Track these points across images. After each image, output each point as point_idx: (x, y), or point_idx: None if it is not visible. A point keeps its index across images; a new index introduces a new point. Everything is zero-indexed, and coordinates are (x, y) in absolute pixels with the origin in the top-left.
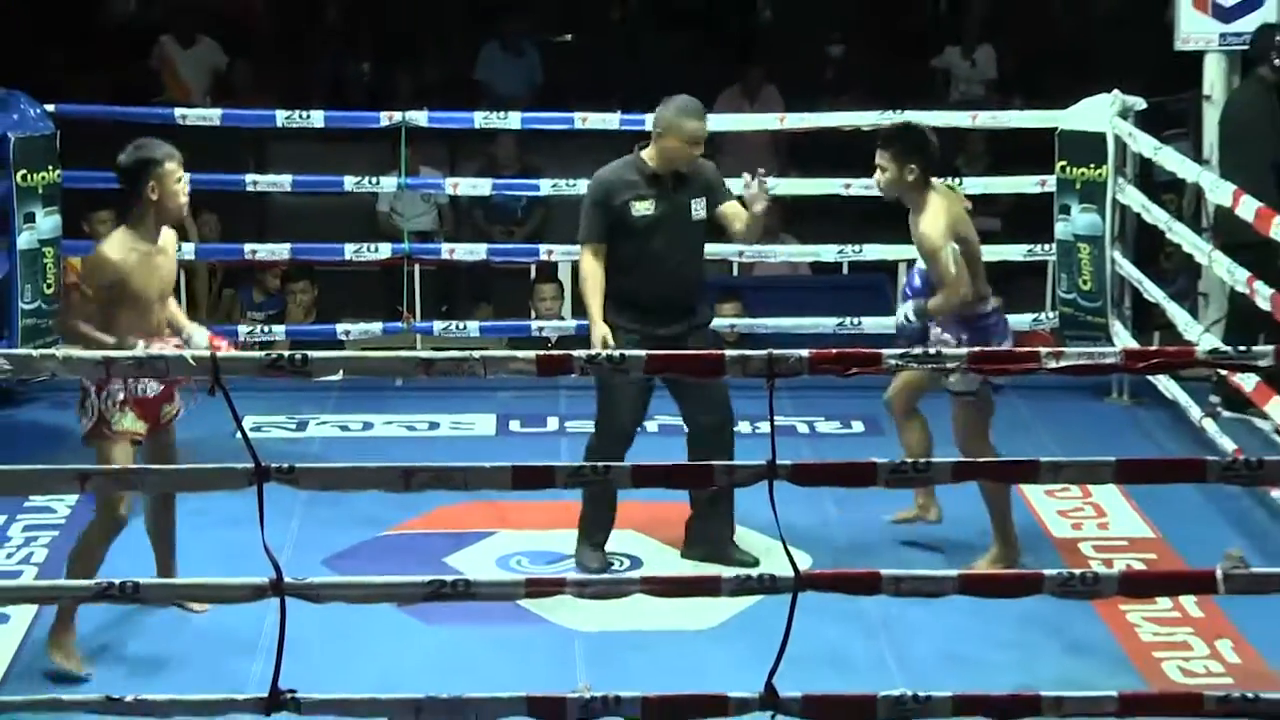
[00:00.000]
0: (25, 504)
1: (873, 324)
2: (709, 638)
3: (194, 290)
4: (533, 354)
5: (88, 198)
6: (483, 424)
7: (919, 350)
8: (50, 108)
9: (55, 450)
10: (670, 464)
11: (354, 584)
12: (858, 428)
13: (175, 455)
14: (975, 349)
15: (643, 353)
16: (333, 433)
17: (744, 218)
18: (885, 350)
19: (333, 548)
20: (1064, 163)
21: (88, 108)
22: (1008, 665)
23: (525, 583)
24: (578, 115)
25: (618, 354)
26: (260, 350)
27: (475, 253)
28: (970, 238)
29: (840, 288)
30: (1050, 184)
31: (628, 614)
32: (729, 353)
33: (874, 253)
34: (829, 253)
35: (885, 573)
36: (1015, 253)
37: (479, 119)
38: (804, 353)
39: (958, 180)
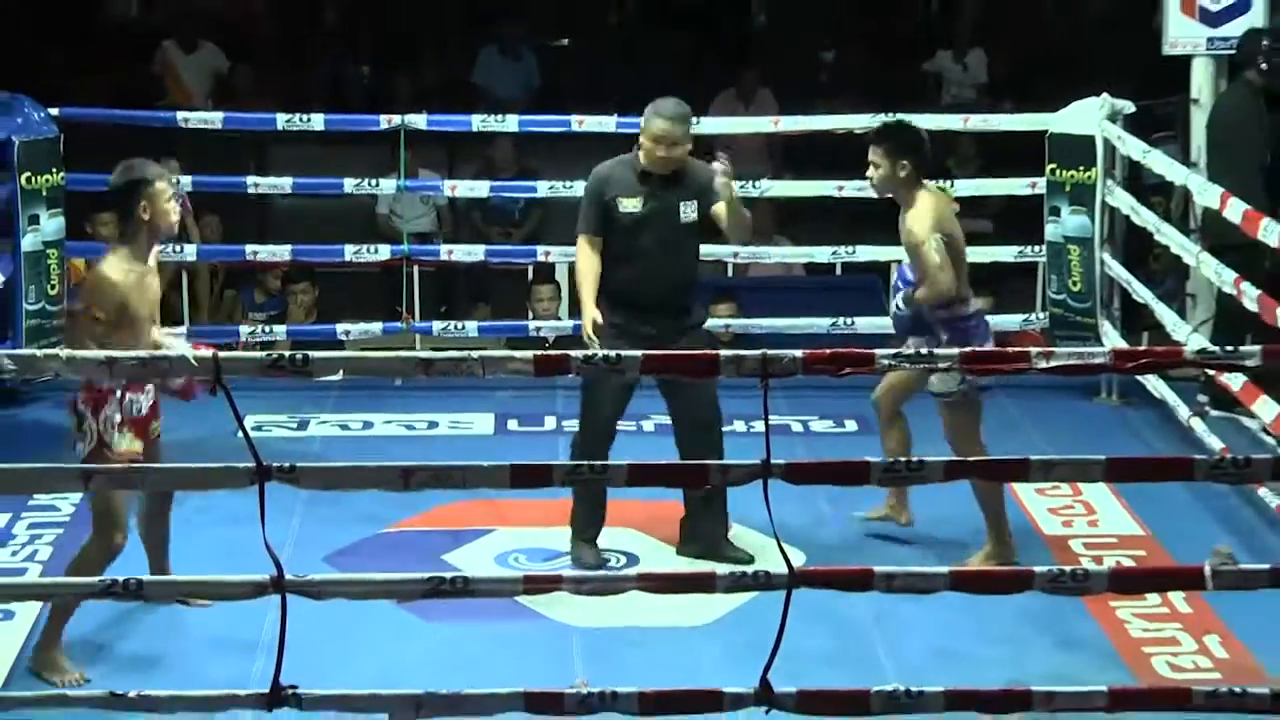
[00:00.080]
0: (29, 502)
1: (866, 324)
2: (704, 634)
3: (196, 291)
4: (530, 354)
5: (91, 200)
6: (481, 423)
7: (911, 351)
8: (54, 111)
9: (59, 449)
10: (667, 463)
11: (354, 581)
12: (851, 427)
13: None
14: (967, 349)
15: (639, 353)
16: (333, 432)
17: (723, 211)
18: (878, 350)
19: (333, 545)
20: (1054, 165)
21: (91, 111)
22: (999, 661)
23: (523, 579)
24: (574, 118)
25: (614, 354)
26: (261, 350)
27: (473, 254)
28: (956, 237)
29: (834, 288)
30: (1040, 186)
31: (624, 610)
32: (724, 353)
33: (867, 254)
34: (823, 254)
35: (878, 569)
36: (1006, 254)
37: (477, 122)
38: (798, 353)
39: (949, 182)
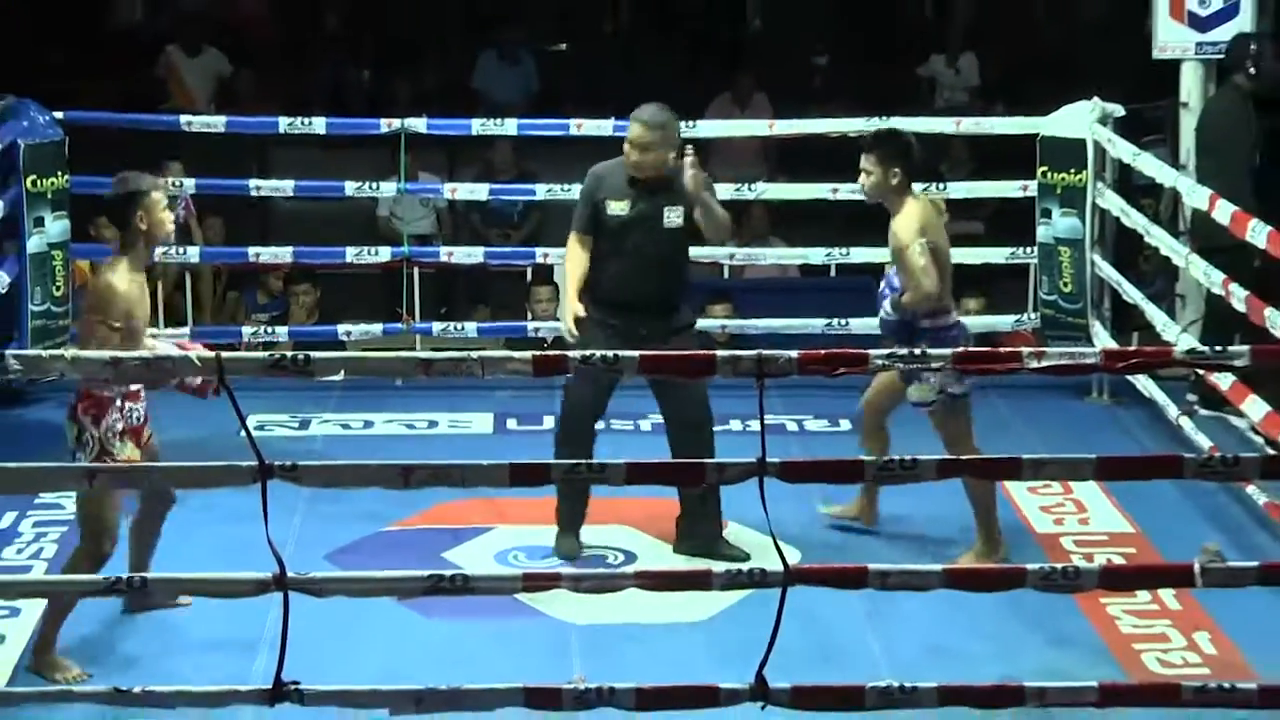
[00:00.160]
0: (35, 501)
1: (860, 325)
2: (700, 630)
3: (199, 292)
4: (529, 354)
5: (95, 203)
6: (480, 422)
7: (904, 350)
8: (59, 115)
9: (63, 449)
10: (663, 461)
11: (355, 578)
12: (845, 426)
13: None
14: (960, 350)
15: (635, 353)
16: (334, 431)
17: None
18: (872, 350)
19: (334, 543)
20: (1045, 168)
21: (96, 115)
22: (991, 657)
23: (522, 577)
24: (573, 122)
25: (611, 354)
26: (264, 351)
27: (473, 256)
28: (941, 245)
29: (828, 289)
30: (1032, 189)
31: (622, 608)
32: (720, 353)
33: (861, 255)
34: (817, 255)
35: (872, 567)
36: (998, 255)
37: (476, 126)
38: (793, 353)
39: (941, 185)
